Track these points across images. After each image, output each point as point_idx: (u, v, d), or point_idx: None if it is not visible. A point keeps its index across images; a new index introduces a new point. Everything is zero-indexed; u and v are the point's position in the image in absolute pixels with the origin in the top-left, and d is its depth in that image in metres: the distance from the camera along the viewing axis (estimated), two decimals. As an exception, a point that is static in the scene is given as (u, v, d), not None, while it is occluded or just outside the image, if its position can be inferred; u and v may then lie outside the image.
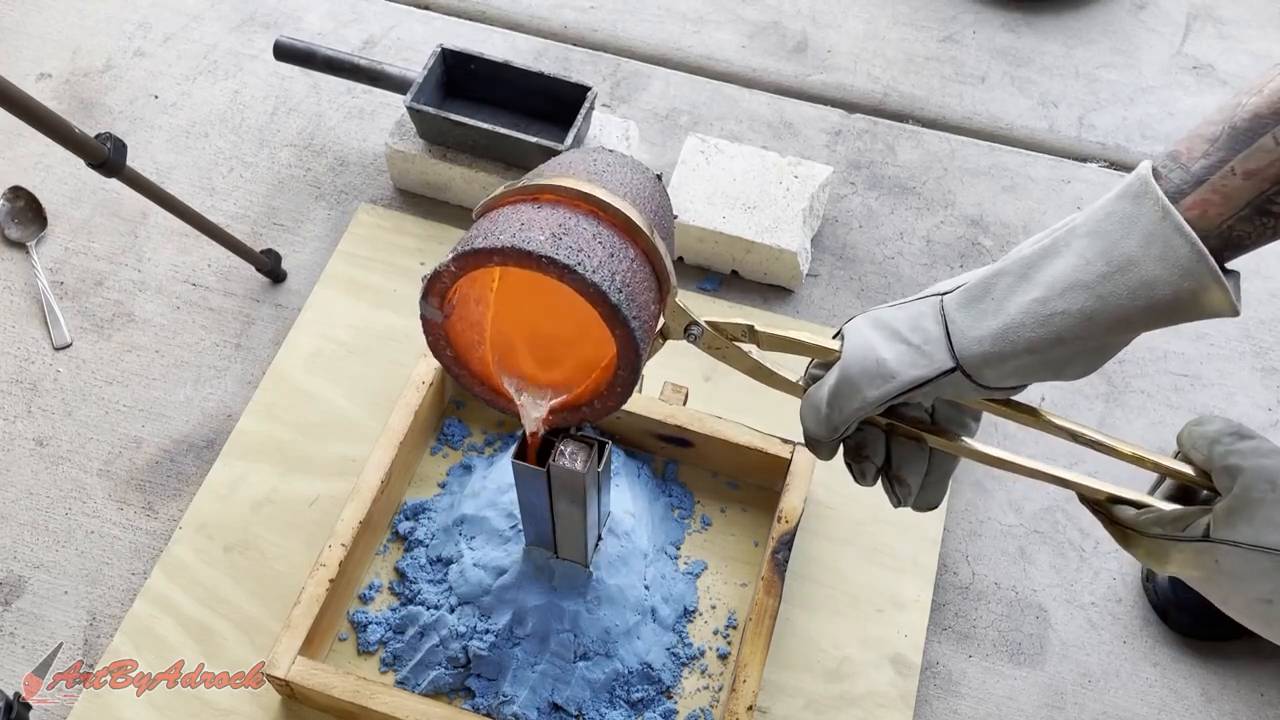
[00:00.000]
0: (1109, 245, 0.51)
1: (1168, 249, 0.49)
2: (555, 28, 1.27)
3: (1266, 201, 0.49)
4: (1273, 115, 0.50)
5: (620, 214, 0.57)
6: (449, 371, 0.64)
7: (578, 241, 0.55)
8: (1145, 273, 0.50)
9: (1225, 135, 0.51)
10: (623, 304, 0.55)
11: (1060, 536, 0.93)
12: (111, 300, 1.04)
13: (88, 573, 0.90)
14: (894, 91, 1.23)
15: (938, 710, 0.85)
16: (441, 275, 0.57)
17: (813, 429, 0.60)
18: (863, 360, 0.56)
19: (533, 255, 0.53)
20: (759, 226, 1.03)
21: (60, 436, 0.96)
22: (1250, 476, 0.52)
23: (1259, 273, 1.09)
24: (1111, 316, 0.51)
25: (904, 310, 0.58)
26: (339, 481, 0.92)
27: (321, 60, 1.07)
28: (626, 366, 0.59)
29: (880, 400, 0.56)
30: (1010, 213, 1.13)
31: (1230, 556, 0.52)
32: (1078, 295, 0.51)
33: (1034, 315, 0.52)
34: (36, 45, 1.23)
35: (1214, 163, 0.50)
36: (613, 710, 0.81)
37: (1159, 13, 1.31)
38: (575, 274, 0.54)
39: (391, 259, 1.05)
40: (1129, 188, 0.51)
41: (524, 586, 0.81)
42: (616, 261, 0.56)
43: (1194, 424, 0.57)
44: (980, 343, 0.53)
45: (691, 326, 0.62)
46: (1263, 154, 0.49)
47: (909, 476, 0.61)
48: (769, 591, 0.82)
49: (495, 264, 0.55)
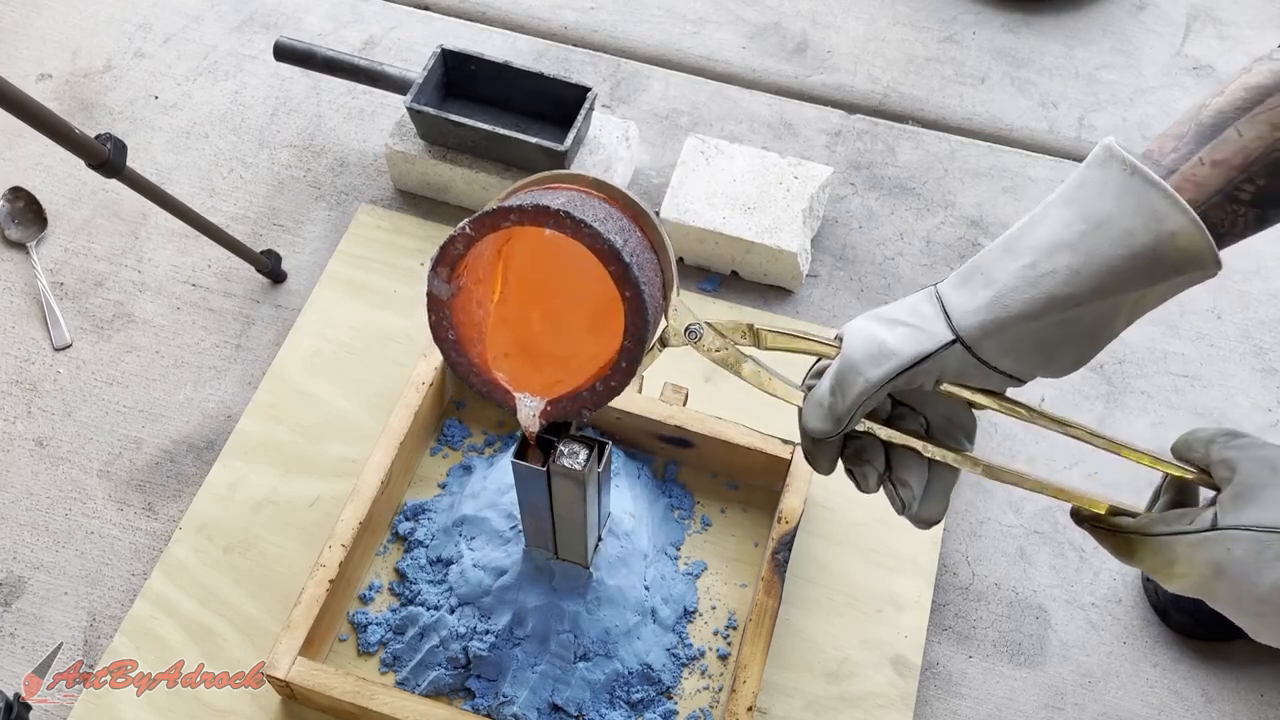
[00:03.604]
0: (1086, 208, 0.53)
1: (1140, 200, 0.51)
2: (555, 28, 1.27)
3: (1235, 189, 0.52)
4: (1234, 111, 0.53)
5: (629, 200, 0.58)
6: (448, 358, 0.63)
7: (592, 213, 0.56)
8: (1124, 224, 0.52)
9: (1192, 133, 0.54)
10: (633, 265, 0.55)
11: (1060, 537, 0.93)
12: (111, 301, 1.04)
13: (88, 573, 0.90)
14: (894, 92, 1.23)
15: (938, 711, 0.85)
16: (456, 240, 0.57)
17: (816, 424, 0.59)
18: (864, 345, 0.57)
19: (550, 210, 0.55)
20: (759, 227, 1.03)
21: (60, 437, 0.96)
22: (1250, 465, 0.53)
23: (1259, 273, 1.09)
24: (1099, 269, 0.52)
25: (899, 303, 0.58)
26: (339, 482, 0.92)
27: (321, 61, 1.07)
28: (632, 338, 0.58)
29: (883, 379, 0.55)
30: (1010, 213, 1.13)
31: (1242, 542, 0.51)
32: (1063, 254, 0.53)
33: (1024, 279, 0.53)
34: (37, 46, 1.23)
35: (1183, 155, 0.53)
36: (613, 711, 0.81)
37: (1159, 13, 1.31)
38: (590, 229, 0.55)
39: (391, 260, 1.05)
40: (1094, 158, 0.54)
41: (524, 587, 0.81)
42: (626, 235, 0.57)
43: (1187, 434, 0.58)
44: (976, 313, 0.54)
45: (692, 325, 0.62)
46: (1228, 144, 0.53)
47: (911, 479, 0.60)
48: (769, 592, 0.82)
49: (513, 223, 0.56)
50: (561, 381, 0.64)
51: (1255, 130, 0.53)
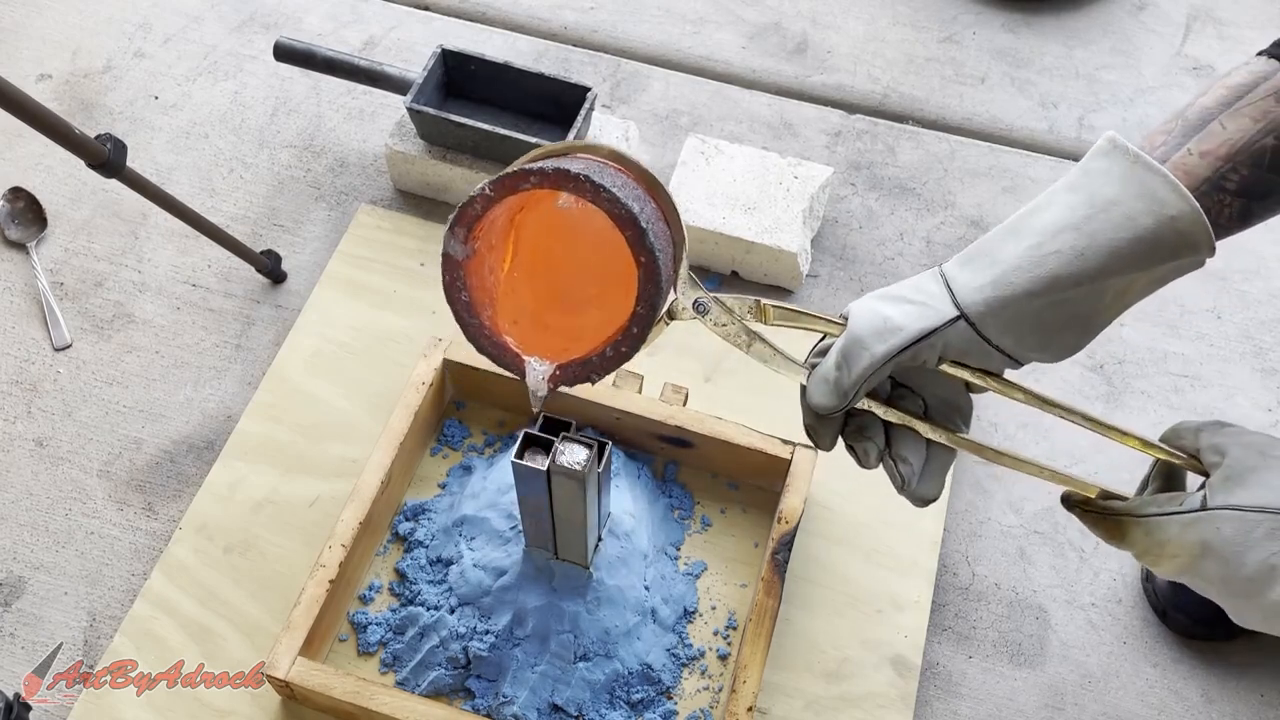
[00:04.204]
0: (1091, 193, 0.56)
1: (1144, 186, 0.54)
2: (555, 29, 1.27)
3: (1221, 178, 0.56)
4: (1218, 107, 0.57)
5: (644, 171, 0.59)
6: (460, 320, 0.63)
7: (611, 181, 0.57)
8: (1127, 208, 0.54)
9: (1179, 128, 0.58)
10: (650, 233, 0.56)
11: (1060, 537, 0.93)
12: (111, 301, 1.04)
13: (88, 573, 0.90)
14: (894, 92, 1.23)
15: (938, 711, 0.85)
16: (475, 200, 0.58)
17: (821, 399, 0.59)
18: (870, 321, 0.58)
19: (570, 174, 0.55)
20: (759, 227, 1.03)
21: (60, 437, 0.96)
22: (1240, 449, 0.55)
23: (1259, 273, 1.09)
24: (1102, 251, 0.54)
25: (903, 283, 0.60)
26: (339, 482, 0.92)
27: (321, 61, 1.07)
28: (645, 304, 0.59)
29: (888, 355, 0.57)
30: (1010, 213, 1.12)
31: (1231, 522, 0.53)
32: (1068, 236, 0.55)
33: (1029, 259, 0.56)
34: (37, 46, 1.23)
35: (1172, 146, 0.57)
36: (613, 711, 0.81)
37: (1159, 13, 1.31)
38: (609, 194, 0.55)
39: (391, 260, 1.05)
40: (1099, 149, 0.57)
41: (524, 587, 0.81)
42: (642, 204, 0.58)
43: (1175, 425, 0.61)
44: (981, 290, 0.56)
45: (700, 300, 0.63)
46: (1213, 136, 0.56)
47: (910, 455, 0.61)
48: (769, 592, 0.82)
49: (532, 185, 0.56)
50: (570, 349, 0.64)
51: (1237, 123, 0.56)
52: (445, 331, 0.92)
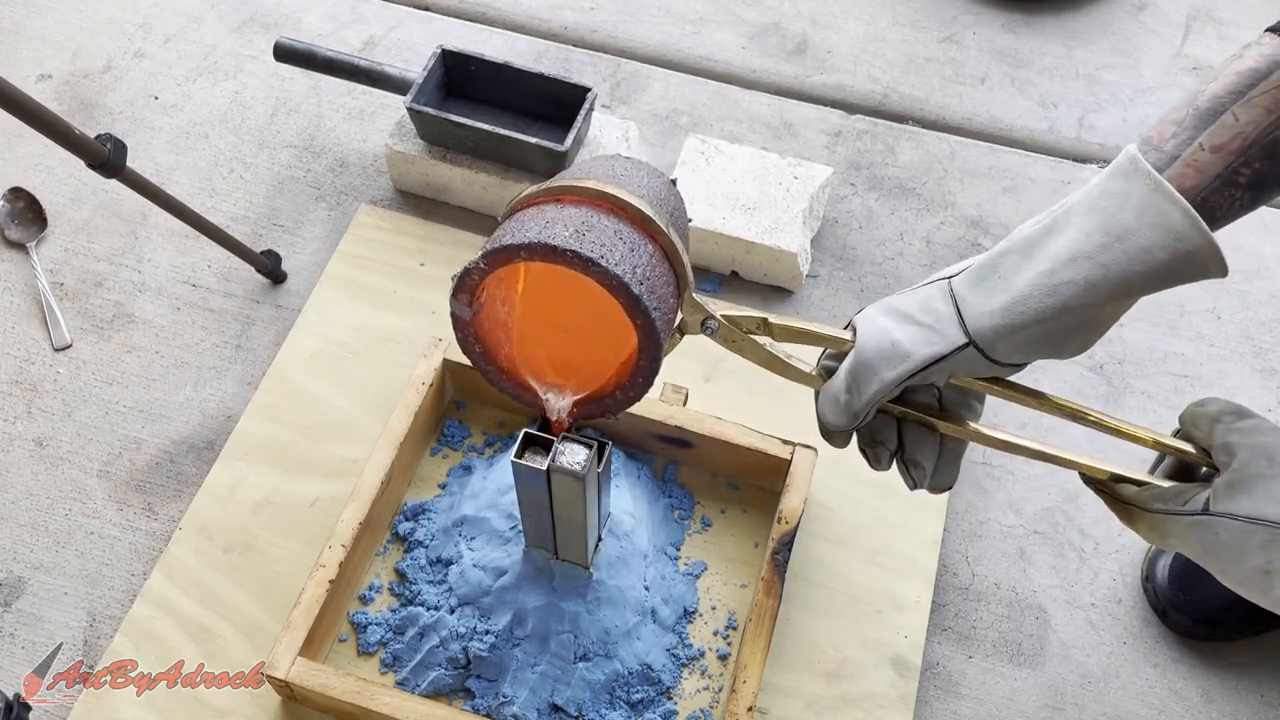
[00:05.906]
0: (1107, 219, 0.54)
1: (1161, 216, 0.53)
2: (555, 29, 1.27)
3: (1233, 173, 0.55)
4: (1230, 95, 0.55)
5: (639, 212, 0.59)
6: (477, 367, 0.67)
7: (600, 237, 0.57)
8: (1143, 239, 0.53)
9: (1190, 118, 0.56)
10: (644, 295, 0.57)
11: (1060, 537, 0.93)
12: (111, 301, 1.04)
13: (88, 573, 0.90)
14: (894, 92, 1.23)
15: (938, 711, 0.85)
16: (471, 272, 0.60)
17: (833, 419, 0.62)
18: (878, 344, 0.58)
19: (558, 250, 0.56)
20: (759, 227, 1.03)
21: (60, 437, 0.96)
22: (1249, 453, 0.55)
23: (1259, 273, 1.09)
24: (1114, 282, 0.54)
25: (913, 295, 0.60)
26: (339, 482, 0.92)
27: (321, 61, 1.07)
28: (648, 356, 0.61)
29: (897, 381, 0.58)
30: (1010, 214, 1.13)
31: (1229, 529, 0.54)
32: (1082, 265, 0.54)
33: (1041, 287, 0.55)
34: (37, 46, 1.23)
35: (1183, 141, 0.55)
36: (613, 711, 0.81)
37: (1159, 13, 1.32)
38: (598, 266, 0.56)
39: (391, 260, 1.05)
40: (1119, 167, 0.55)
41: (524, 587, 0.81)
42: (636, 256, 0.58)
43: (1196, 404, 0.59)
44: (991, 316, 0.56)
45: (708, 320, 0.64)
46: (1225, 129, 0.55)
47: (923, 459, 0.63)
48: (769, 592, 0.82)
49: (522, 259, 0.57)
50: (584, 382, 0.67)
51: (1250, 114, 0.55)
52: (445, 331, 0.92)
